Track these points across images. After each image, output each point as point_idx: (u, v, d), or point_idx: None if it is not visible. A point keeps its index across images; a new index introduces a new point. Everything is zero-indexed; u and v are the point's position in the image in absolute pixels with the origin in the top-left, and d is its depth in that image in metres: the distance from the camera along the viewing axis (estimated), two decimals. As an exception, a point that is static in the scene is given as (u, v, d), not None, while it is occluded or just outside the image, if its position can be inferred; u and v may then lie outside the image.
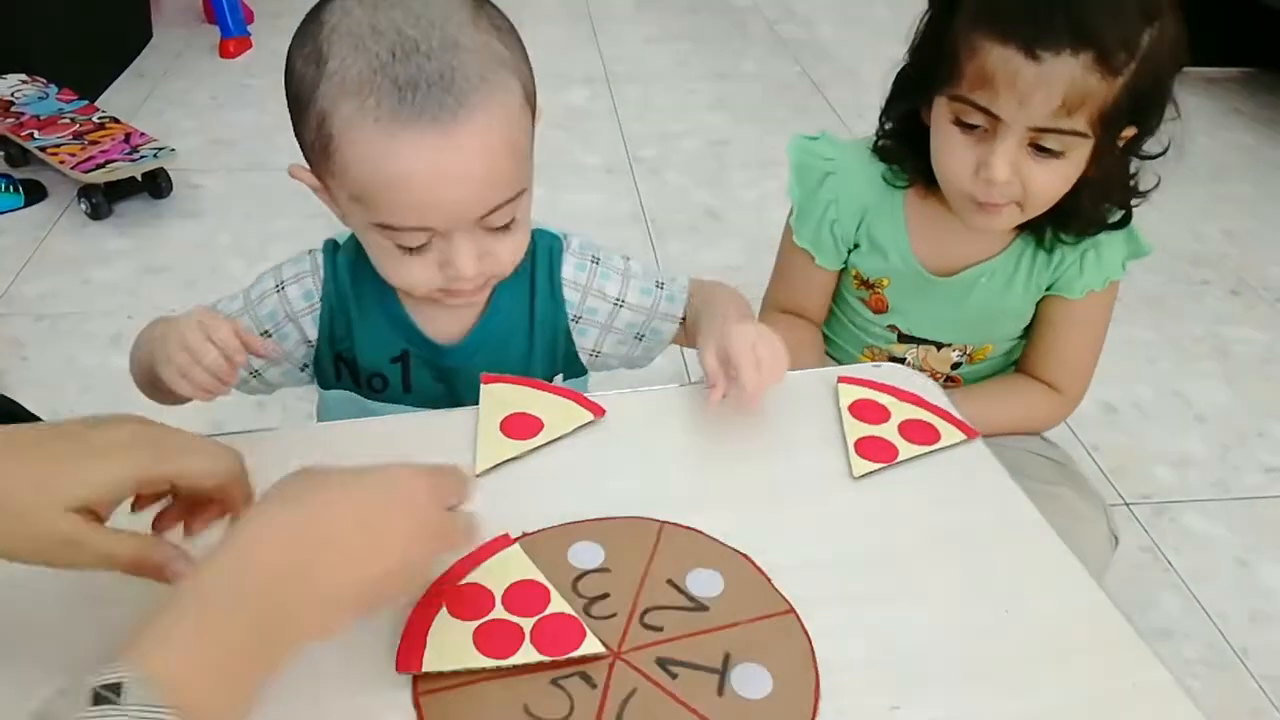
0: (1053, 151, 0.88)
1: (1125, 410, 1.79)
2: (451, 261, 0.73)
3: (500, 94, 0.69)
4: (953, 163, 0.93)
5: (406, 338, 0.86)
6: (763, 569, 0.65)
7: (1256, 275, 2.18)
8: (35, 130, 2.24)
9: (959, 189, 0.94)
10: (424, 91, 0.66)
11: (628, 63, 3.11)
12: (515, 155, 0.72)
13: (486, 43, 0.69)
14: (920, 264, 1.05)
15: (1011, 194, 0.91)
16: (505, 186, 0.72)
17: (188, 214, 2.21)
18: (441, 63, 0.66)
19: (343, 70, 0.67)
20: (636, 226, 2.26)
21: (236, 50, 2.96)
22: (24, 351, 1.79)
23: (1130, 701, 0.59)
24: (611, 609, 0.62)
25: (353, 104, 0.66)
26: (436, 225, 0.71)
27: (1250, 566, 1.49)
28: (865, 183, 1.05)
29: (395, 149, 0.67)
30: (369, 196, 0.70)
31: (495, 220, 0.73)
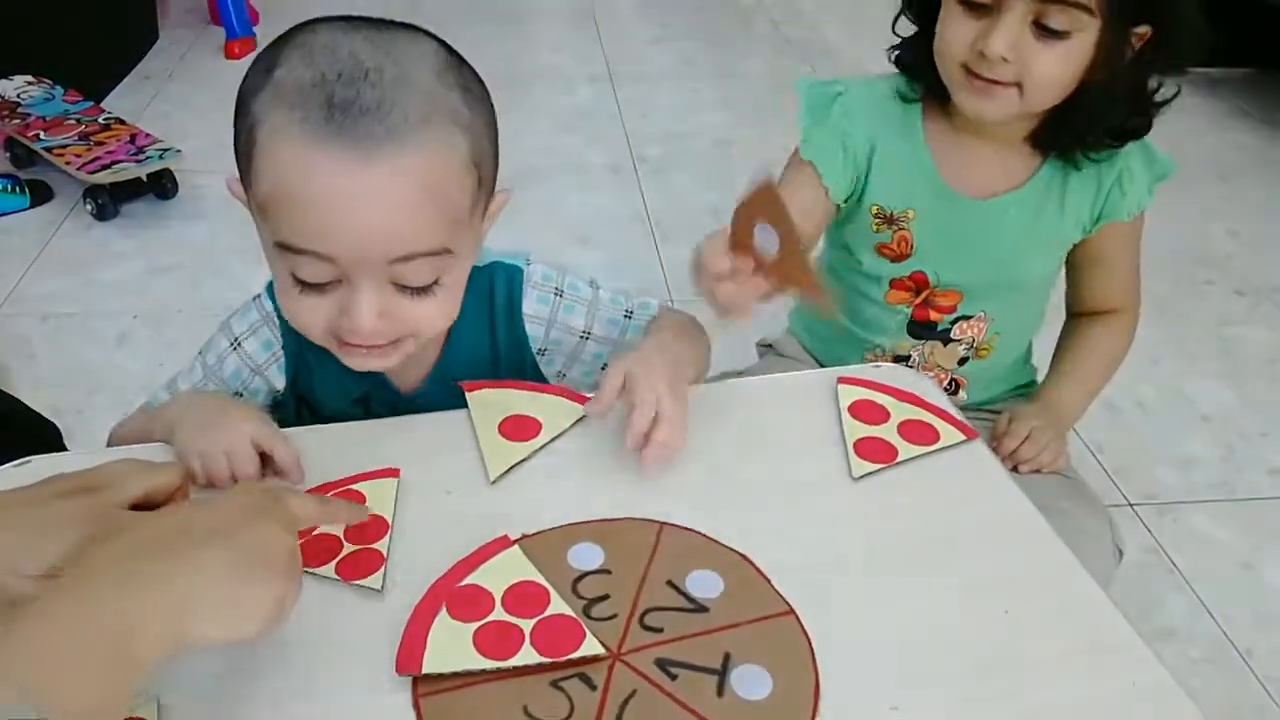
0: (1057, 32, 0.86)
1: (1129, 410, 1.78)
2: (349, 311, 0.67)
3: (438, 143, 0.65)
4: (951, 35, 0.91)
5: (365, 381, 0.82)
6: (762, 570, 0.65)
7: (1261, 275, 2.18)
8: (41, 131, 2.25)
9: (955, 61, 0.92)
10: (354, 116, 0.62)
11: (632, 62, 3.11)
12: (440, 209, 0.66)
13: (443, 93, 0.66)
14: (949, 185, 1.01)
15: (1007, 74, 0.89)
16: (421, 237, 0.66)
17: (193, 215, 2.22)
18: (384, 95, 0.63)
19: (286, 79, 0.64)
20: (640, 227, 2.26)
21: (242, 51, 2.97)
22: (30, 350, 1.79)
23: (1131, 701, 0.59)
24: (611, 610, 0.62)
25: (283, 113, 0.64)
26: (336, 257, 0.65)
27: (1255, 568, 1.49)
28: (877, 102, 1.02)
29: (308, 164, 0.63)
30: (273, 208, 0.66)
31: (409, 275, 0.67)
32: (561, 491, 0.72)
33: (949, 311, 1.07)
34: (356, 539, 0.67)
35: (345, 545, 0.66)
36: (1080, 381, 1.11)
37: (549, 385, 0.80)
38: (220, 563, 0.50)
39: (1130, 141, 0.98)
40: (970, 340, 1.09)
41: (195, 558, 0.50)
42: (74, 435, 1.47)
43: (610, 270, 2.04)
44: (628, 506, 0.70)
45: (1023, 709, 0.58)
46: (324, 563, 0.65)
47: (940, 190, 1.01)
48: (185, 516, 0.54)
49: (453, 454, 0.75)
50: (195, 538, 0.51)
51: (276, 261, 0.69)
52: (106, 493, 0.59)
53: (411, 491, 0.71)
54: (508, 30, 3.26)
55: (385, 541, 0.67)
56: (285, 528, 0.55)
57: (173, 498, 0.64)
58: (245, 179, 0.69)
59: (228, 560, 0.51)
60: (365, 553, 0.66)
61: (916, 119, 1.02)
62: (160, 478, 0.63)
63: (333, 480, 0.71)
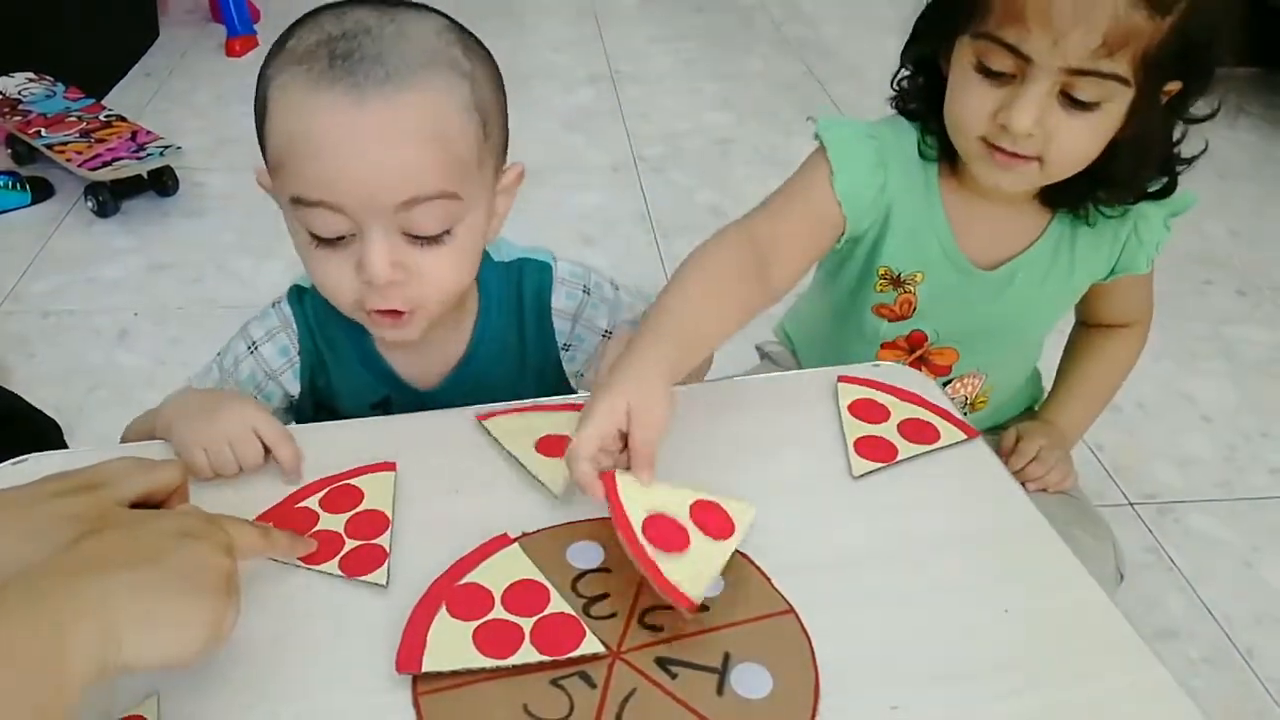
0: (1086, 104, 0.79)
1: (1129, 410, 1.78)
2: (363, 260, 0.67)
3: (439, 87, 0.66)
4: (968, 105, 0.83)
5: (386, 383, 0.84)
6: (762, 569, 0.65)
7: (1262, 275, 2.18)
8: (42, 128, 2.25)
9: (971, 132, 0.84)
10: (354, 61, 0.64)
11: (633, 61, 3.11)
12: (444, 152, 0.67)
13: (443, 48, 0.68)
14: (964, 255, 0.95)
15: (1031, 148, 0.81)
16: (426, 180, 0.66)
17: (194, 212, 2.22)
18: (385, 45, 0.65)
19: (294, 45, 0.67)
20: (642, 225, 2.26)
21: (243, 49, 2.97)
22: (31, 348, 1.79)
23: (1130, 701, 0.59)
24: (611, 609, 0.62)
25: (290, 70, 0.66)
26: (345, 203, 0.66)
27: (1255, 567, 1.49)
28: (903, 156, 0.94)
29: (311, 108, 0.65)
30: (283, 161, 0.67)
31: (419, 221, 0.68)
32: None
33: (944, 373, 1.02)
34: (358, 535, 0.67)
35: (347, 541, 0.66)
36: (1088, 398, 1.10)
37: (557, 403, 0.79)
38: (148, 584, 0.50)
39: (1159, 199, 0.92)
40: (964, 398, 1.06)
41: (124, 578, 0.49)
42: (75, 432, 1.48)
43: (612, 270, 2.03)
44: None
45: (1023, 709, 0.58)
46: (327, 559, 0.65)
47: (954, 257, 0.95)
48: (118, 537, 0.53)
49: (452, 451, 0.75)
50: (125, 559, 0.51)
51: (294, 222, 0.70)
52: (105, 491, 0.60)
53: (411, 488, 0.71)
54: (509, 29, 3.25)
55: (386, 536, 0.67)
56: (220, 550, 0.54)
57: (173, 496, 0.64)
58: (262, 144, 0.70)
59: (156, 580, 0.50)
60: (368, 548, 0.66)
61: (934, 180, 0.94)
62: (160, 475, 0.63)
63: (329, 475, 0.71)
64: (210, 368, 0.85)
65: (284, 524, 0.66)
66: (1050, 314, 1.03)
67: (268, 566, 0.64)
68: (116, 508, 0.59)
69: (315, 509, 0.69)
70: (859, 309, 1.00)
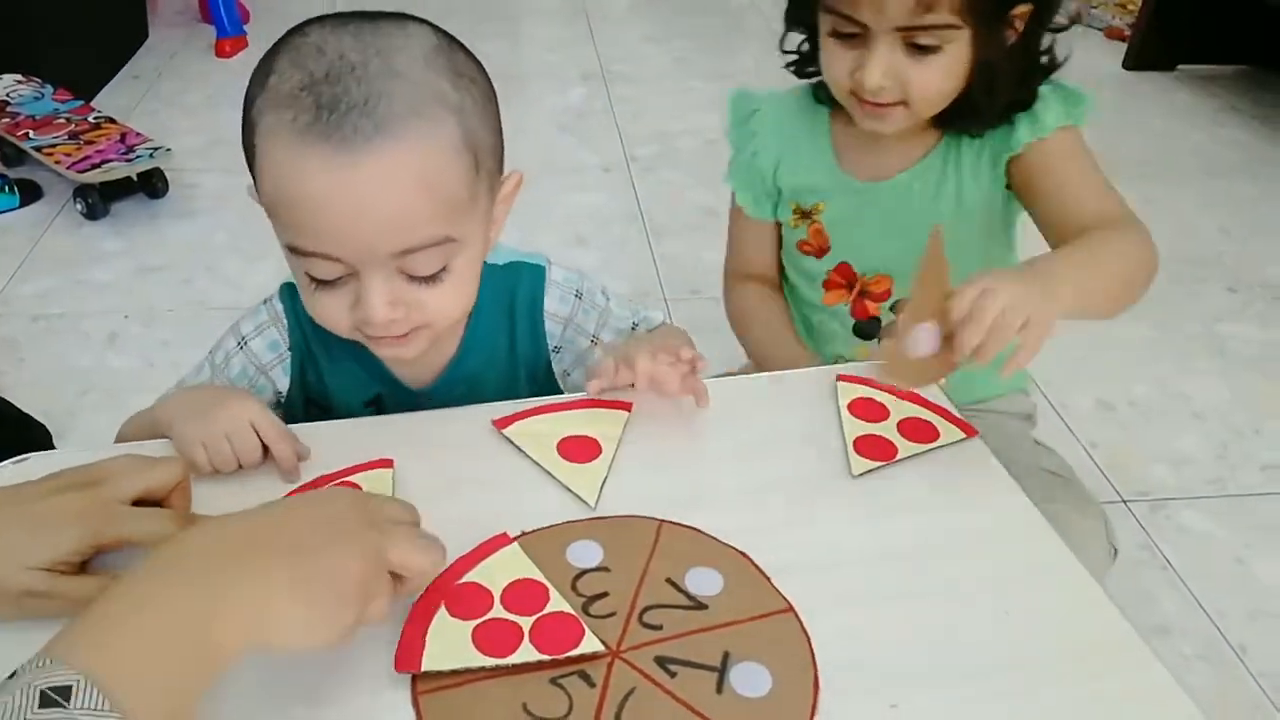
0: (928, 48, 0.88)
1: (1122, 408, 1.79)
2: (360, 302, 0.68)
3: (426, 131, 0.65)
4: (832, 66, 0.94)
5: (378, 381, 0.84)
6: (761, 568, 0.65)
7: (1253, 273, 2.18)
8: (31, 130, 2.23)
9: (842, 88, 0.95)
10: (341, 113, 0.63)
11: (625, 61, 3.11)
12: (436, 198, 0.67)
13: (432, 81, 0.66)
14: (847, 174, 1.04)
15: (892, 95, 0.91)
16: (419, 229, 0.67)
17: (184, 214, 2.21)
18: (371, 89, 0.63)
19: (278, 84, 0.65)
20: (634, 225, 2.26)
21: (233, 50, 2.96)
22: (20, 352, 1.78)
23: (1130, 700, 0.59)
24: (610, 608, 0.62)
25: (274, 116, 0.65)
26: (342, 256, 0.66)
27: (1248, 564, 1.49)
28: (788, 112, 1.07)
29: (301, 166, 0.64)
30: (277, 213, 0.67)
31: (416, 266, 0.68)
32: (560, 489, 0.72)
33: (884, 298, 1.08)
34: None
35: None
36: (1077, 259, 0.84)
37: (568, 401, 0.80)
38: (284, 582, 0.50)
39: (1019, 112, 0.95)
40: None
41: (264, 567, 0.50)
42: (65, 436, 1.47)
43: (605, 269, 2.04)
44: (627, 504, 0.70)
45: (1023, 709, 0.58)
46: None
47: (840, 179, 1.04)
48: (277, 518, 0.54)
49: (452, 450, 0.74)
50: (273, 548, 0.51)
51: (292, 262, 0.70)
52: (105, 488, 0.60)
53: (410, 487, 0.71)
54: (500, 30, 3.25)
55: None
56: (365, 555, 0.54)
57: (173, 493, 0.64)
58: (255, 183, 0.70)
59: (292, 579, 0.51)
60: None
61: (825, 117, 1.06)
62: (160, 473, 0.63)
63: (328, 473, 0.71)
64: (202, 365, 0.85)
65: None
66: (964, 224, 1.01)
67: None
68: (117, 505, 0.60)
69: None
70: (791, 251, 1.11)
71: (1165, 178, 2.51)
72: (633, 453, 0.75)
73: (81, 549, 0.58)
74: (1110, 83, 3.04)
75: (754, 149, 1.08)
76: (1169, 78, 3.02)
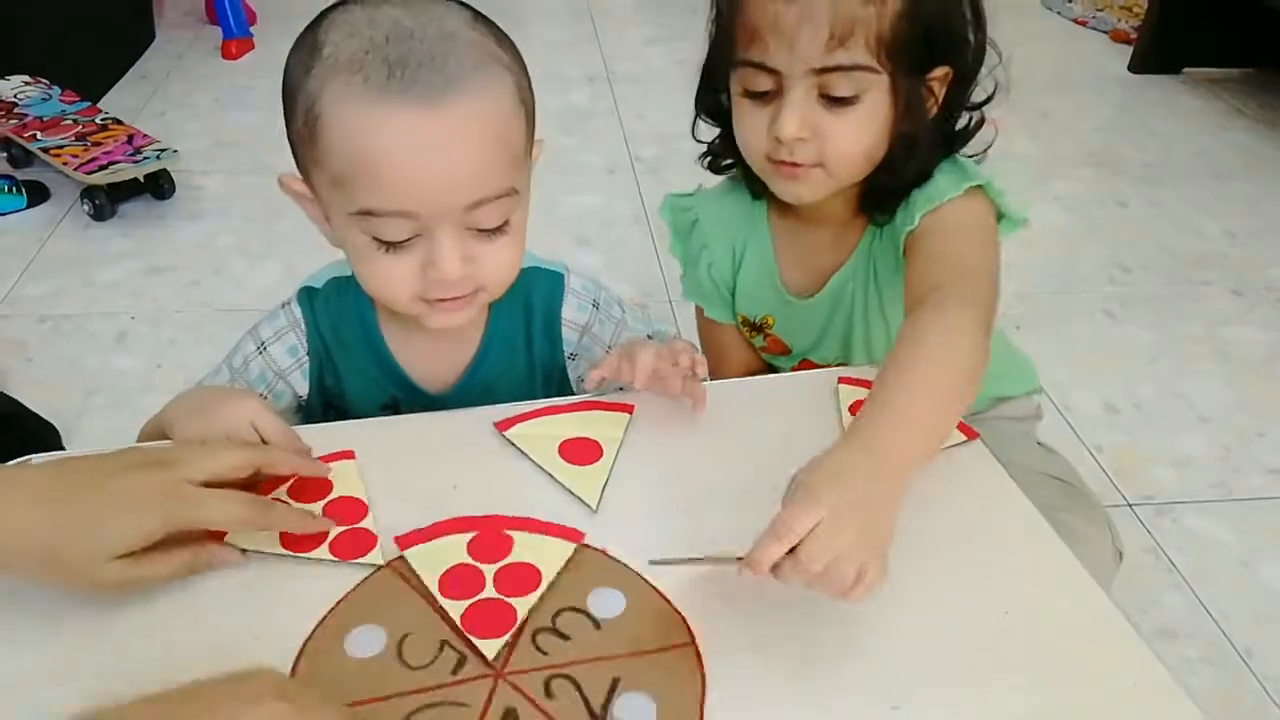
0: (846, 100, 0.83)
1: (1127, 411, 1.78)
2: (434, 261, 0.69)
3: (493, 86, 0.68)
4: (746, 129, 0.89)
5: (396, 385, 0.84)
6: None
7: (1258, 275, 2.18)
8: (38, 132, 2.24)
9: (757, 153, 0.89)
10: (414, 69, 0.65)
11: (628, 62, 3.12)
12: (505, 150, 0.70)
13: (482, 40, 0.69)
14: (785, 288, 1.02)
15: (809, 154, 0.86)
16: (493, 179, 0.69)
17: (190, 215, 2.22)
18: (434, 48, 0.66)
19: (335, 54, 0.66)
20: (638, 227, 2.26)
21: (239, 52, 2.97)
22: (28, 353, 1.79)
23: (1130, 701, 0.59)
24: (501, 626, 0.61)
25: (342, 80, 0.65)
26: (419, 210, 0.67)
27: (1253, 567, 1.49)
28: (728, 213, 1.03)
29: (380, 122, 0.65)
30: (351, 177, 0.67)
31: (483, 218, 0.70)
32: (562, 491, 0.72)
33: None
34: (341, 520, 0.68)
35: (332, 529, 0.67)
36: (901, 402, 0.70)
37: (569, 403, 0.80)
38: None
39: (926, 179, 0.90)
40: None
41: None
42: (72, 437, 1.47)
43: (609, 271, 2.04)
44: (629, 506, 0.70)
45: (1023, 709, 0.58)
46: (317, 546, 0.66)
47: (781, 296, 1.02)
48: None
49: (453, 451, 0.75)
50: None
51: (354, 230, 0.70)
52: (178, 468, 0.61)
53: (410, 488, 0.71)
54: (505, 30, 3.25)
55: (370, 520, 0.68)
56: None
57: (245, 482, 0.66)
58: (309, 163, 0.70)
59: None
60: (354, 533, 0.67)
61: (764, 218, 1.01)
62: (231, 458, 0.64)
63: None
64: (220, 368, 0.85)
65: None
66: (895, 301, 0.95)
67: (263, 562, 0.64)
68: (190, 487, 0.60)
69: (285, 499, 0.69)
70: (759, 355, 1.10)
71: (1170, 180, 2.50)
72: (634, 455, 0.75)
73: (158, 531, 0.59)
74: (1115, 85, 3.04)
75: (708, 261, 1.04)
76: (1174, 80, 3.02)
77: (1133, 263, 0.97)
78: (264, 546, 0.65)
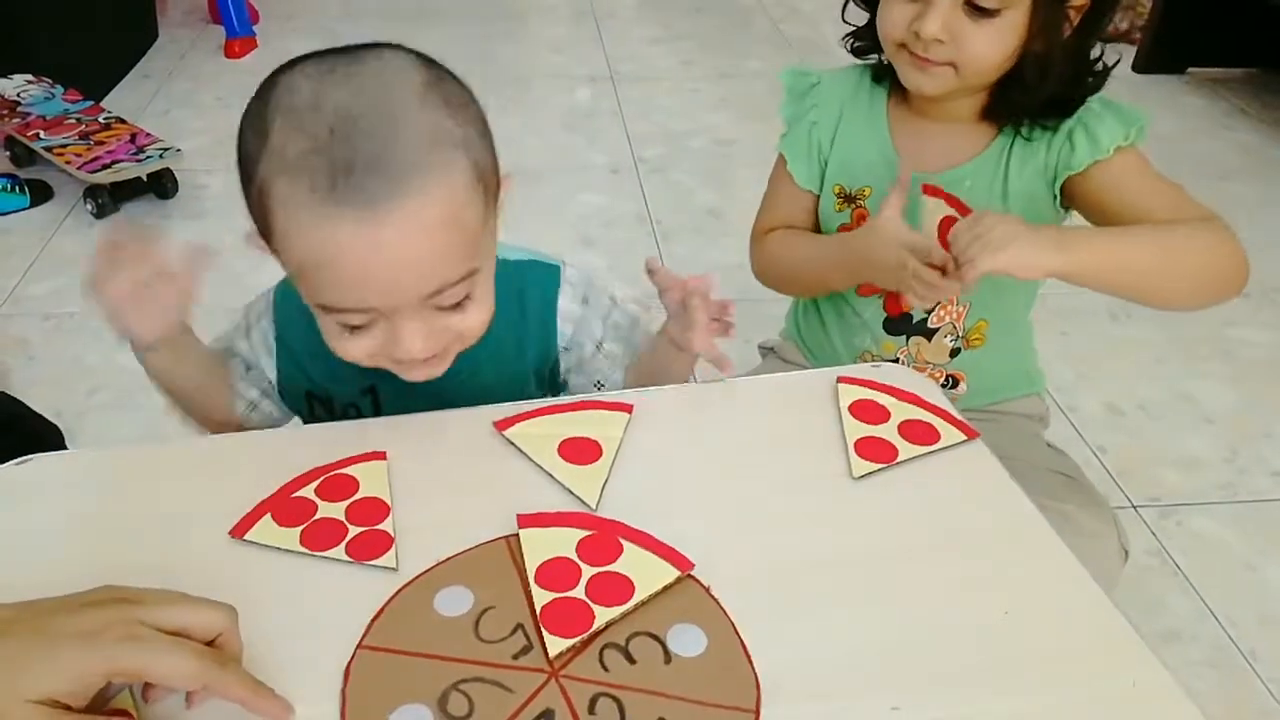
0: (988, 10, 0.90)
1: (1131, 412, 1.78)
2: (398, 341, 0.69)
3: (442, 175, 0.65)
4: (889, 17, 0.95)
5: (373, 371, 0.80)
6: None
7: (1263, 276, 2.16)
8: (41, 131, 2.25)
9: (894, 40, 0.96)
10: (359, 174, 0.63)
11: (632, 62, 3.12)
12: (459, 236, 0.68)
13: (433, 120, 0.66)
14: (901, 160, 1.04)
15: (942, 54, 0.93)
16: (448, 268, 0.68)
17: (193, 214, 2.22)
18: (378, 142, 0.63)
19: (282, 146, 0.64)
20: (642, 227, 2.26)
21: (242, 50, 2.97)
22: (31, 351, 1.79)
23: (1131, 702, 0.59)
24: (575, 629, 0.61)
25: (288, 182, 0.64)
26: (377, 305, 0.68)
27: (1258, 569, 1.48)
28: (846, 86, 1.08)
29: (328, 231, 0.64)
30: (305, 276, 0.68)
31: (445, 299, 0.69)
32: (562, 490, 0.72)
33: None
34: (360, 521, 0.68)
35: (350, 528, 0.67)
36: (1118, 232, 0.92)
37: (569, 403, 0.79)
38: None
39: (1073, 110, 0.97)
40: (953, 327, 1.08)
41: None
42: (75, 437, 1.47)
43: (612, 271, 2.04)
44: (628, 506, 0.70)
45: (1023, 709, 0.58)
46: (333, 545, 0.66)
47: (891, 163, 1.04)
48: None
49: (452, 451, 0.75)
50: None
51: (318, 311, 0.70)
52: (141, 609, 0.53)
53: (410, 488, 0.71)
54: (508, 30, 3.26)
55: (390, 522, 0.68)
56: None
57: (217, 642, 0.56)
58: (269, 242, 0.70)
59: None
60: (372, 534, 0.67)
61: (882, 101, 1.06)
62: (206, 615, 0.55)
63: (320, 465, 0.72)
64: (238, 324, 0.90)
65: (283, 514, 0.68)
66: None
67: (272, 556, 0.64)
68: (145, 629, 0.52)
69: (312, 498, 0.70)
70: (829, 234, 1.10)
71: (1174, 181, 2.49)
72: (634, 454, 0.75)
73: (85, 677, 0.50)
74: (1119, 85, 3.02)
75: (813, 119, 1.08)
76: (1178, 81, 3.01)
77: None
78: (283, 543, 0.66)
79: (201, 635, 0.54)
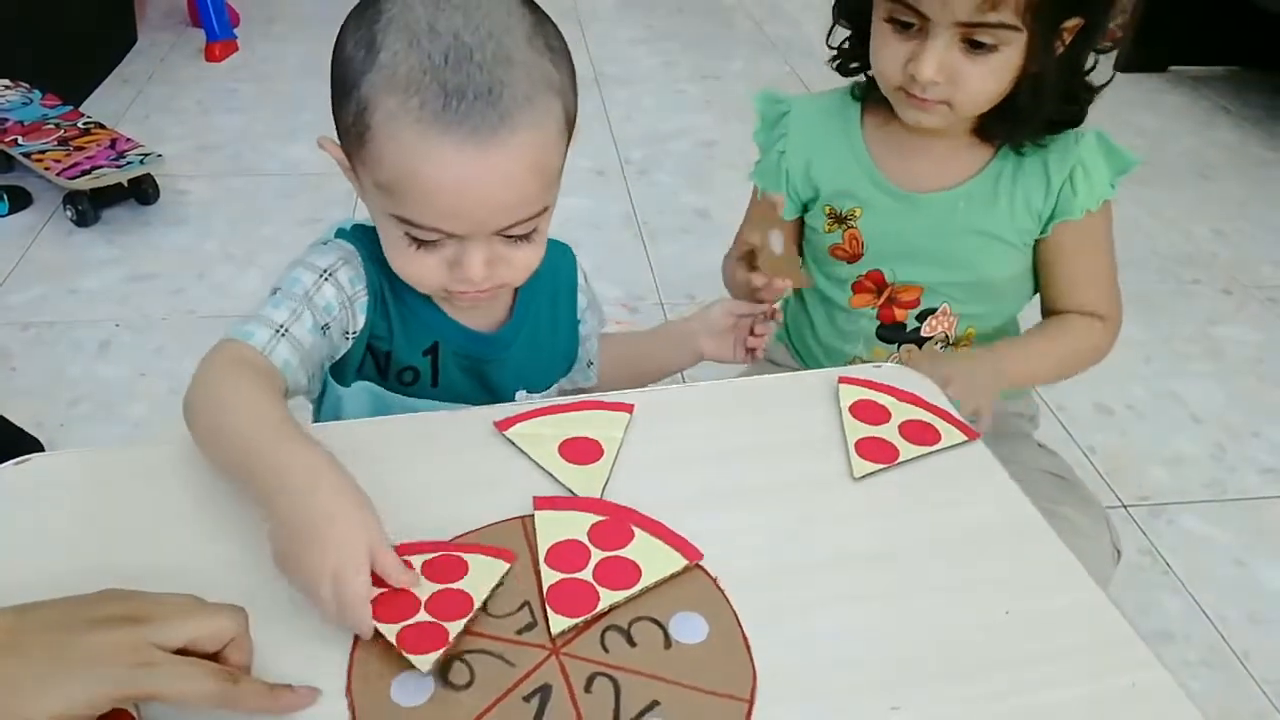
0: (985, 46, 0.89)
1: (1120, 412, 1.78)
2: (461, 263, 0.72)
3: (542, 117, 0.69)
4: (885, 56, 0.95)
5: (440, 328, 0.82)
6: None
7: (1247, 274, 2.19)
8: (19, 136, 2.22)
9: (890, 81, 0.96)
10: (469, 101, 0.65)
11: (616, 64, 3.11)
12: (544, 177, 0.72)
13: (539, 63, 0.69)
14: (889, 180, 1.04)
15: (939, 93, 0.92)
16: (529, 205, 0.72)
17: (175, 220, 2.20)
18: (492, 76, 0.66)
19: (393, 64, 0.66)
20: (629, 229, 2.25)
21: (223, 54, 2.94)
22: (11, 362, 1.77)
23: (1130, 701, 0.59)
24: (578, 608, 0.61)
25: (397, 99, 0.66)
26: (456, 230, 0.71)
27: (1249, 568, 1.49)
28: (819, 113, 1.09)
29: (431, 153, 0.66)
30: (396, 189, 0.69)
31: (514, 231, 0.73)
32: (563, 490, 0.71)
33: (912, 306, 1.08)
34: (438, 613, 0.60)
35: (420, 614, 0.59)
36: (1034, 348, 1.06)
37: (569, 403, 0.79)
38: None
39: (1067, 129, 0.99)
40: (944, 336, 1.09)
41: None
42: (56, 448, 1.45)
43: (599, 274, 2.03)
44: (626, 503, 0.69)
45: (1023, 709, 0.58)
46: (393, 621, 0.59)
47: (881, 185, 1.04)
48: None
49: (453, 451, 0.74)
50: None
51: (388, 221, 0.72)
52: (149, 628, 0.52)
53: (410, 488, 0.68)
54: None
55: (459, 623, 0.59)
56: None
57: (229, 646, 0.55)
58: (353, 152, 0.72)
59: None
60: (432, 627, 0.59)
61: (856, 121, 1.06)
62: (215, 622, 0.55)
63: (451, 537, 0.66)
64: (278, 301, 0.75)
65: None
66: (1004, 253, 1.04)
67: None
68: (156, 651, 0.52)
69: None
70: (823, 257, 1.10)
71: (1157, 179, 2.51)
72: (634, 454, 0.74)
73: (105, 700, 0.50)
74: (1102, 85, 3.05)
75: (781, 149, 1.09)
76: (1160, 79, 3.03)
77: (1121, 262, 0.99)
78: None
79: (212, 645, 0.54)
